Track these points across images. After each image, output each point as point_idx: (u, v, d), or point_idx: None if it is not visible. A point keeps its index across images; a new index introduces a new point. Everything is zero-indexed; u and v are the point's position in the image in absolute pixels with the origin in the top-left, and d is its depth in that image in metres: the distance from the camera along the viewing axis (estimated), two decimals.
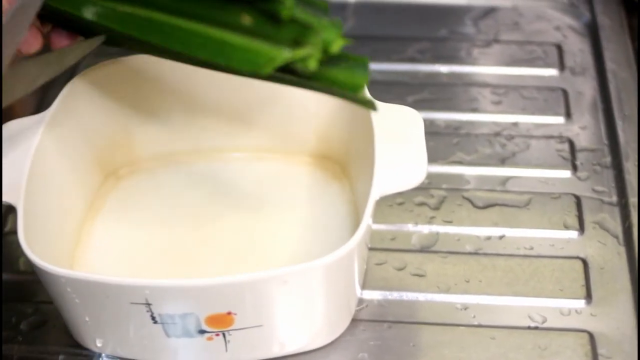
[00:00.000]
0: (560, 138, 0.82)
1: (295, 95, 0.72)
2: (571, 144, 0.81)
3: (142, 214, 0.73)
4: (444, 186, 0.77)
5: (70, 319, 0.63)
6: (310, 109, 0.73)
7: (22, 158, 0.63)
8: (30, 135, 0.64)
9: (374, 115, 0.64)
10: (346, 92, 0.55)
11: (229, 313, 0.58)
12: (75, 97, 0.69)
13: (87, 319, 0.61)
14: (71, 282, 0.57)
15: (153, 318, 0.58)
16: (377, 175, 0.61)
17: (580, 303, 0.68)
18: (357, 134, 0.70)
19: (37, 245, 0.61)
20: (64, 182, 0.69)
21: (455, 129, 0.83)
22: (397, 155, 0.62)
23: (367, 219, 0.59)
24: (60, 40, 0.64)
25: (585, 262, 0.71)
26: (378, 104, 0.65)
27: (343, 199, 0.73)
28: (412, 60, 0.91)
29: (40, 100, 0.84)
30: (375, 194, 0.60)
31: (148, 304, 0.57)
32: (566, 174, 0.78)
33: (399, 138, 0.63)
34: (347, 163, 0.75)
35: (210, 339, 0.61)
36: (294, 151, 0.76)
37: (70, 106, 0.68)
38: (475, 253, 0.72)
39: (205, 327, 0.59)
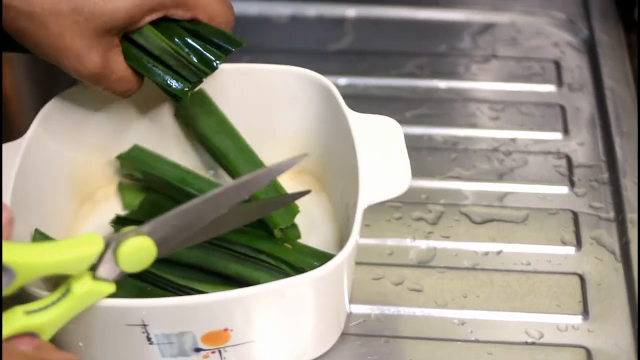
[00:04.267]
0: (558, 154, 0.82)
1: (272, 114, 0.73)
2: (569, 160, 0.81)
3: None
4: (442, 201, 0.77)
5: (62, 344, 0.60)
6: (287, 126, 0.74)
7: (6, 182, 0.62)
8: (10, 161, 0.64)
9: (353, 126, 0.65)
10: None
11: (226, 329, 0.58)
12: (50, 120, 0.69)
13: (80, 344, 0.60)
14: None
15: (149, 339, 0.58)
16: (363, 185, 0.61)
17: (578, 319, 0.68)
18: (335, 147, 0.70)
19: None
20: (45, 207, 0.68)
21: (453, 144, 0.83)
22: (381, 164, 0.63)
23: (356, 228, 0.59)
24: None
25: (582, 278, 0.71)
26: (356, 115, 0.66)
27: (322, 211, 0.73)
28: (411, 75, 0.91)
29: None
30: (363, 203, 0.60)
31: (144, 325, 0.57)
32: (564, 190, 0.78)
33: (380, 147, 0.64)
34: (323, 176, 0.75)
35: (206, 356, 0.60)
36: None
37: (47, 129, 0.68)
38: (473, 268, 0.72)
39: (201, 345, 0.59)
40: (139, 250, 0.54)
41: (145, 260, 0.55)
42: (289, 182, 0.73)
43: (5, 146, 0.65)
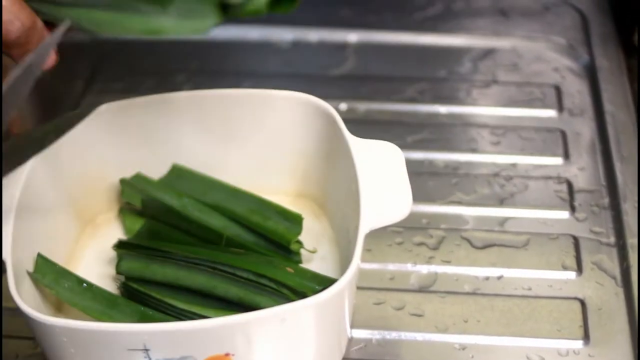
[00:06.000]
0: (559, 179, 0.82)
1: (274, 139, 0.73)
2: (569, 185, 0.81)
3: None
4: (443, 226, 0.77)
5: None
6: (288, 150, 0.74)
7: (6, 213, 0.62)
8: (11, 191, 0.64)
9: (354, 151, 0.65)
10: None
11: (227, 354, 0.58)
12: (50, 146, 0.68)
13: None
14: (67, 331, 0.56)
15: None
16: (364, 210, 0.61)
17: (578, 344, 0.68)
18: (336, 171, 0.70)
19: (25, 294, 0.60)
20: (47, 232, 0.68)
21: (454, 169, 0.83)
22: (382, 189, 0.63)
23: (358, 253, 0.59)
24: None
25: (583, 303, 0.71)
26: (357, 140, 0.66)
27: (323, 235, 0.74)
28: (412, 100, 0.91)
29: None
30: (364, 228, 0.60)
31: (146, 350, 0.57)
32: (564, 214, 0.79)
33: (381, 172, 0.64)
34: (324, 201, 0.75)
35: None
36: (270, 191, 0.76)
37: (47, 155, 0.66)
38: (474, 293, 0.72)
39: None
40: None
41: None
42: (289, 207, 0.74)
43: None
